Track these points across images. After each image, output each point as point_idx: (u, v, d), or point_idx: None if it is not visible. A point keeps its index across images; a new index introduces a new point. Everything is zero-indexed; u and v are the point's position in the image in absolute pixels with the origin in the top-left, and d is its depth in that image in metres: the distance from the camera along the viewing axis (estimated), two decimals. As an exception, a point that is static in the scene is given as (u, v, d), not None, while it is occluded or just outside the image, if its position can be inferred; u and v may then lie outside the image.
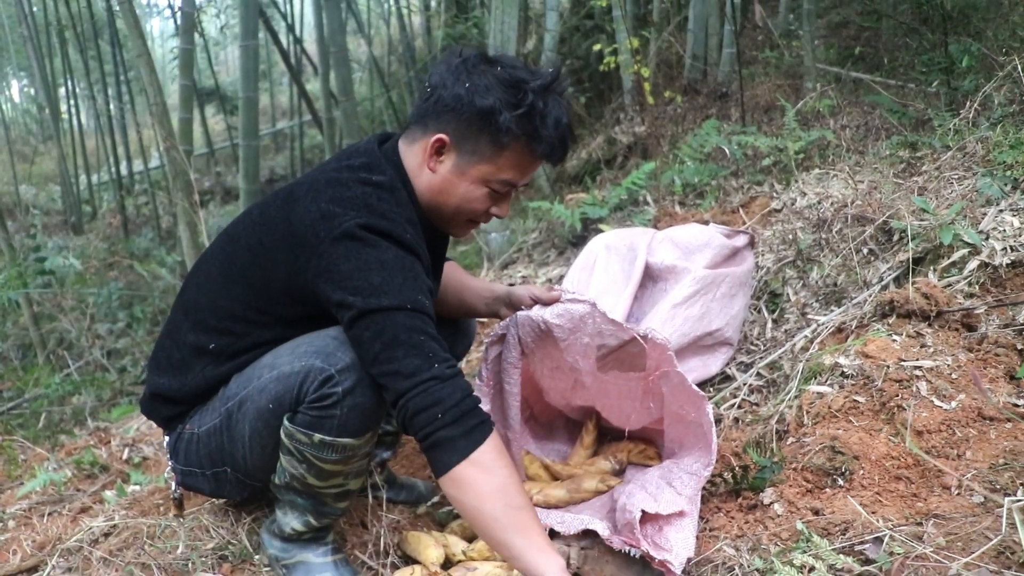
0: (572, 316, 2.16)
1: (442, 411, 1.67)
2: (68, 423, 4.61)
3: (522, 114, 1.81)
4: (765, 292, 3.07)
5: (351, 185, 1.82)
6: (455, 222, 1.99)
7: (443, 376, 1.69)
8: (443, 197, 1.92)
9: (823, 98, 4.60)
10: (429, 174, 1.91)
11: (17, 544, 2.44)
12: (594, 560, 1.97)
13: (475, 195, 1.91)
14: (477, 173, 1.88)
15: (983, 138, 3.20)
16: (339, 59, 6.31)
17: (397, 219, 1.79)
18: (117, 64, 10.43)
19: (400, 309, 1.70)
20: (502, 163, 1.87)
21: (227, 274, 1.94)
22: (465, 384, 1.73)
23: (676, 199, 4.19)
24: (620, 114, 6.29)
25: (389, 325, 1.69)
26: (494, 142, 1.84)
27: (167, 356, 2.03)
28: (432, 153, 1.88)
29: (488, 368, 2.30)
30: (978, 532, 1.68)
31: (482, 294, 2.36)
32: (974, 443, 1.99)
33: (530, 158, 1.89)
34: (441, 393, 1.68)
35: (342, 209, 1.76)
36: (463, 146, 1.86)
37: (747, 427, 2.43)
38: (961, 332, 2.38)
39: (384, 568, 2.15)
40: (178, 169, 4.94)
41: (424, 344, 1.70)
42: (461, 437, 1.68)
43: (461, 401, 1.69)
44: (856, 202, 3.07)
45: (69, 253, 7.43)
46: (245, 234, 1.94)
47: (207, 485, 2.07)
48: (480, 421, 1.71)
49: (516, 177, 1.91)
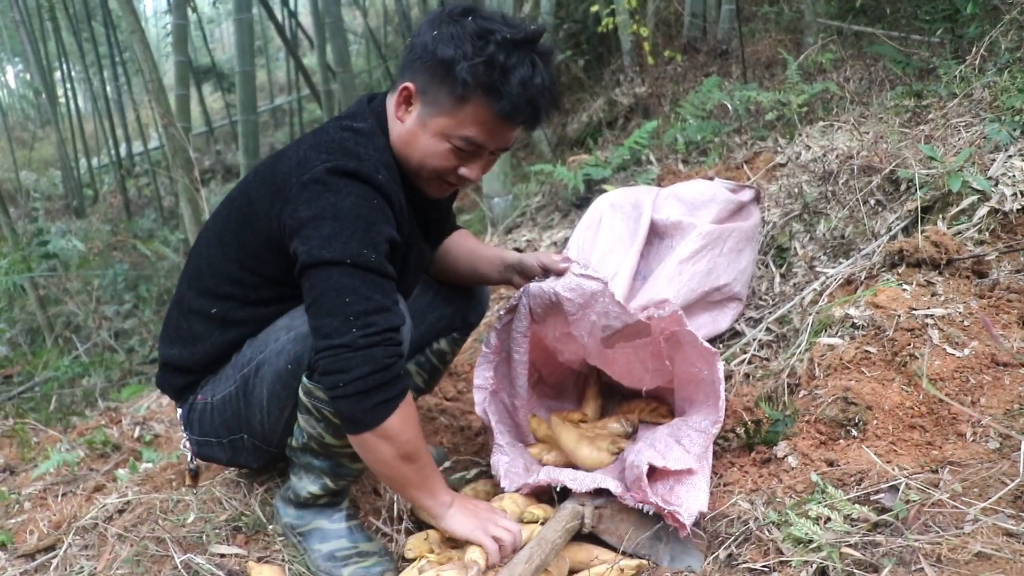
0: (583, 292, 2.13)
1: (344, 382, 1.68)
2: (79, 405, 4.62)
3: (479, 64, 1.73)
4: (772, 247, 3.04)
5: (331, 132, 1.85)
6: (423, 178, 1.93)
7: (355, 345, 1.67)
8: (408, 149, 1.88)
9: (825, 52, 4.53)
10: (399, 124, 1.88)
11: (34, 524, 2.45)
12: (608, 518, 1.96)
13: (436, 150, 1.85)
14: (437, 126, 1.82)
15: (990, 84, 3.15)
16: (335, 31, 6.24)
17: (370, 160, 1.78)
18: (111, 45, 10.35)
19: (338, 264, 1.68)
20: (462, 118, 1.80)
21: (222, 237, 1.96)
22: (379, 355, 1.70)
23: (679, 157, 4.15)
24: (620, 76, 6.22)
25: (322, 280, 1.69)
26: (452, 94, 1.78)
27: (175, 326, 2.06)
28: (400, 102, 1.86)
29: (497, 336, 2.29)
30: (994, 478, 1.67)
31: (494, 262, 2.34)
32: (988, 389, 1.97)
33: (492, 116, 1.80)
34: (348, 363, 1.68)
35: (316, 154, 1.77)
36: (426, 96, 1.82)
37: (758, 382, 2.41)
38: (972, 279, 2.35)
39: (398, 534, 2.15)
40: (177, 146, 4.90)
41: (348, 306, 1.68)
42: (361, 413, 1.72)
43: (368, 375, 1.69)
44: (862, 153, 3.03)
45: (72, 236, 7.41)
46: (239, 194, 1.96)
47: (223, 454, 2.08)
48: (389, 397, 1.72)
49: (479, 135, 1.83)
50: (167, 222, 9.36)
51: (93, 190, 12.03)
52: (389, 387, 1.72)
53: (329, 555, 1.99)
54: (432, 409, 2.83)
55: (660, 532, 1.88)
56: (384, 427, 1.73)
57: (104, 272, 6.77)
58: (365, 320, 1.68)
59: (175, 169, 5.02)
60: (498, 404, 2.34)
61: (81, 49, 11.18)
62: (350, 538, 2.01)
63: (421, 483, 1.86)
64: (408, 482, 1.84)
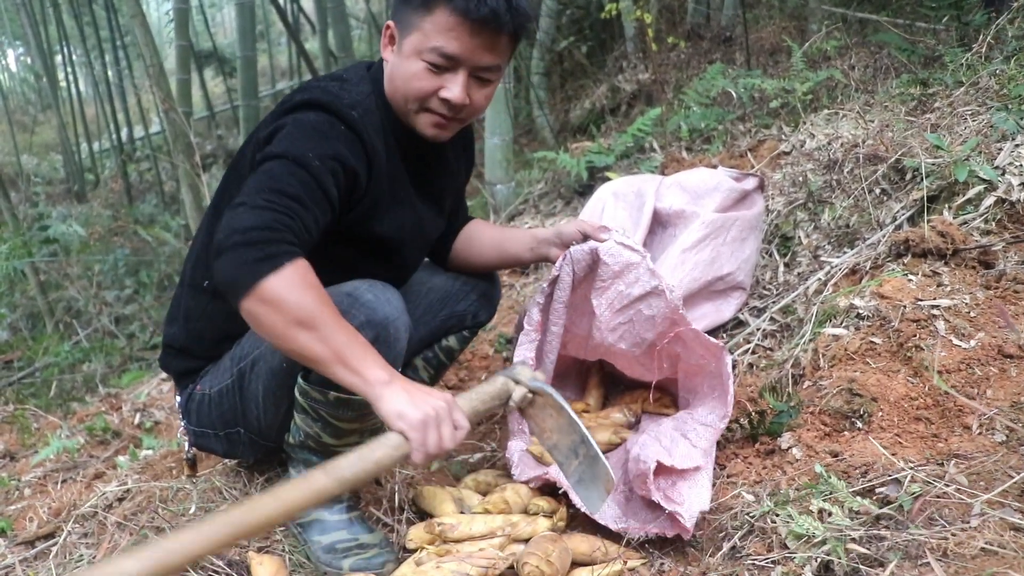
0: (620, 260, 2.10)
1: (229, 234, 1.55)
2: (79, 390, 4.62)
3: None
4: (776, 236, 3.02)
5: (319, 80, 1.91)
6: (412, 114, 1.88)
7: (252, 203, 1.59)
8: (394, 84, 1.87)
9: (829, 39, 4.49)
10: (387, 66, 1.90)
11: (33, 511, 2.45)
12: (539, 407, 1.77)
13: (412, 70, 1.81)
14: (410, 46, 1.81)
15: (996, 72, 3.12)
16: (337, 15, 6.22)
17: (346, 98, 1.79)
18: (113, 29, 10.29)
19: (279, 157, 1.67)
20: (428, 29, 1.77)
21: (217, 208, 1.97)
22: (268, 217, 1.57)
23: (683, 145, 4.12)
24: (623, 62, 6.19)
25: (261, 170, 1.67)
26: (419, 7, 1.77)
27: (176, 303, 2.08)
28: (386, 43, 1.88)
29: (540, 311, 2.22)
30: (1001, 470, 1.66)
31: (524, 241, 2.29)
32: (994, 381, 1.95)
33: (454, 19, 1.74)
34: (236, 219, 1.57)
35: (296, 93, 1.82)
36: (401, 24, 1.83)
37: (762, 372, 2.40)
38: (978, 270, 2.33)
39: (399, 524, 2.14)
40: (178, 131, 4.88)
41: (268, 182, 1.63)
42: (239, 268, 1.53)
43: (252, 227, 1.55)
44: (867, 141, 3.01)
45: (73, 221, 7.39)
46: (239, 161, 1.96)
47: (220, 446, 2.08)
48: (270, 253, 1.53)
49: (446, 44, 1.77)
50: (168, 207, 9.33)
51: (94, 175, 12.00)
52: (270, 245, 1.54)
53: (329, 547, 1.98)
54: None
55: (579, 447, 1.73)
56: (262, 288, 1.50)
57: (105, 257, 6.76)
58: (278, 195, 1.61)
59: (176, 154, 5.00)
60: None
61: (82, 33, 11.11)
62: (350, 530, 2.00)
63: (333, 356, 1.53)
64: (315, 356, 1.54)
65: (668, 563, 1.83)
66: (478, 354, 3.11)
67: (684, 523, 1.80)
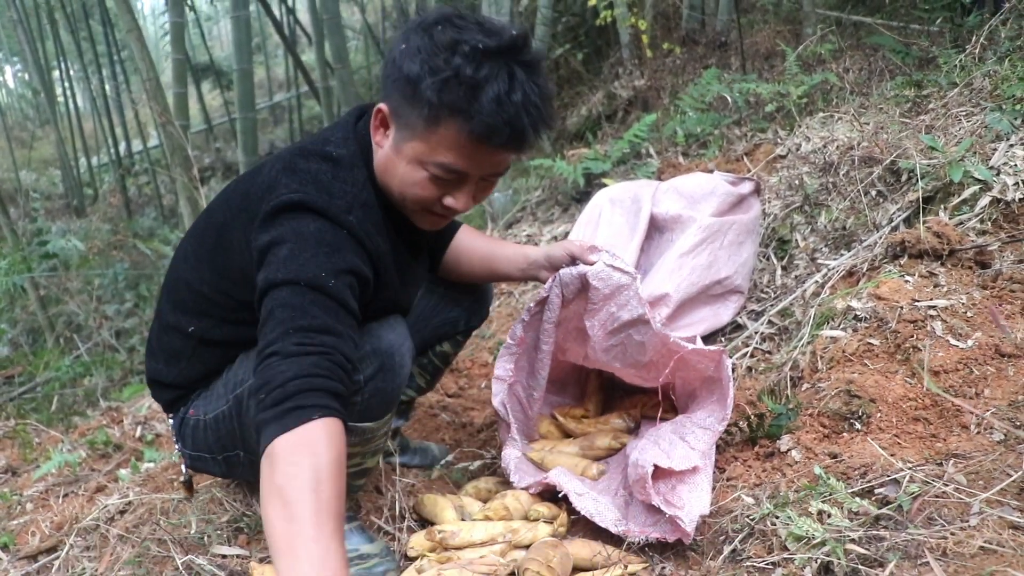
0: (611, 283, 2.08)
1: (267, 392, 1.42)
2: (80, 405, 4.62)
3: (442, 81, 1.52)
4: (773, 239, 3.03)
5: (310, 158, 1.69)
6: (408, 209, 1.76)
7: (286, 352, 1.45)
8: (386, 177, 1.72)
9: (824, 43, 4.51)
10: (379, 150, 1.72)
11: (36, 526, 2.45)
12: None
13: (413, 178, 1.66)
14: (411, 151, 1.63)
15: (990, 73, 3.13)
16: (333, 27, 6.23)
17: (343, 198, 1.63)
18: (109, 44, 10.35)
19: (291, 283, 1.52)
20: (435, 142, 1.59)
21: (198, 254, 1.87)
22: (308, 363, 1.44)
23: (679, 150, 4.14)
24: (619, 68, 6.21)
25: (274, 300, 1.52)
26: (422, 116, 1.57)
27: (156, 339, 2.01)
28: (377, 125, 1.69)
29: (523, 328, 2.25)
30: (999, 469, 1.66)
31: (515, 260, 2.24)
32: (992, 381, 1.96)
33: (466, 139, 1.57)
34: (273, 371, 1.44)
35: (288, 180, 1.63)
36: (399, 119, 1.63)
37: (760, 375, 2.40)
38: (975, 270, 2.34)
39: (400, 532, 2.14)
40: (175, 144, 4.90)
41: (292, 321, 1.48)
42: (269, 418, 1.40)
43: (288, 382, 1.41)
44: (862, 144, 3.01)
45: (72, 236, 7.40)
46: (218, 209, 1.85)
47: (218, 468, 2.05)
48: (297, 407, 1.39)
49: (455, 161, 1.61)
50: (167, 220, 9.36)
51: (93, 189, 12.03)
52: (304, 397, 1.40)
53: (331, 558, 1.96)
54: (434, 406, 2.83)
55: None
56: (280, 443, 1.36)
57: (105, 271, 6.76)
58: (305, 334, 1.47)
59: (174, 167, 5.01)
60: (512, 397, 2.32)
61: (79, 48, 11.17)
62: (350, 541, 1.99)
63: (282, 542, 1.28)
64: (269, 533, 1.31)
65: (669, 567, 1.83)
66: (477, 362, 3.11)
67: (684, 527, 1.80)
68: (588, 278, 2.10)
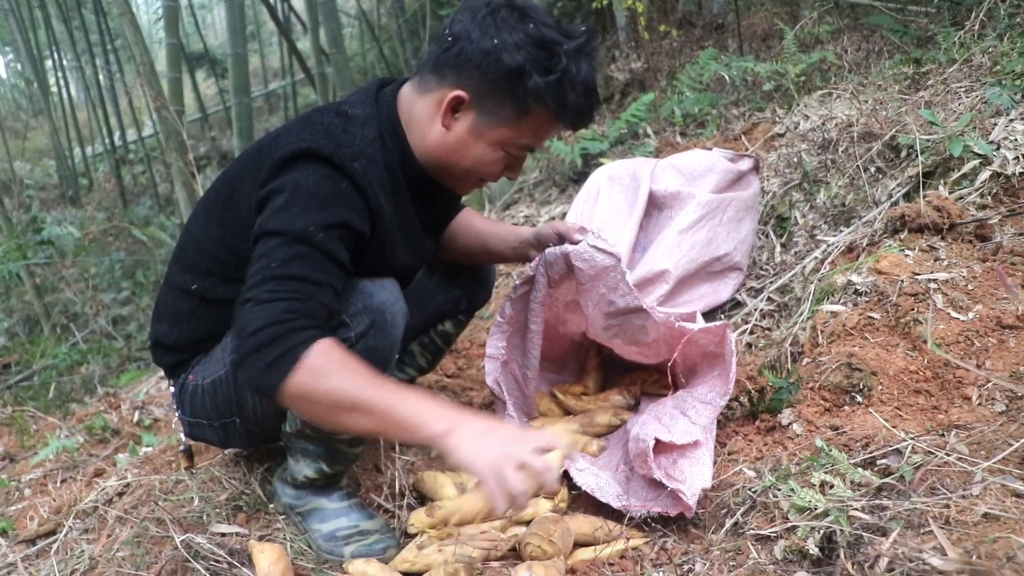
0: (595, 264, 2.09)
1: (240, 339, 1.53)
2: (78, 392, 4.61)
3: (554, 80, 1.69)
4: (772, 216, 3.02)
5: (324, 113, 1.78)
6: (464, 182, 1.90)
7: (256, 299, 1.54)
8: (455, 157, 1.81)
9: (822, 23, 4.49)
10: (441, 131, 1.78)
11: (34, 510, 2.44)
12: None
13: (490, 158, 1.81)
14: (496, 136, 1.77)
15: (989, 49, 3.11)
16: (328, 12, 6.20)
17: (349, 147, 1.69)
18: (103, 33, 10.26)
19: (278, 234, 1.59)
20: (523, 127, 1.77)
21: (208, 212, 1.93)
22: (277, 309, 1.52)
23: (677, 130, 4.12)
24: (615, 51, 6.17)
25: (261, 250, 1.61)
26: (518, 106, 1.72)
27: (163, 301, 2.04)
28: (448, 110, 1.75)
29: (512, 306, 2.26)
30: (1001, 439, 1.65)
31: (508, 239, 2.29)
32: (993, 352, 1.95)
33: (554, 124, 1.80)
34: (246, 318, 1.53)
35: (299, 130, 1.71)
36: (484, 106, 1.74)
37: (761, 351, 2.39)
38: (975, 243, 2.33)
39: (400, 510, 2.13)
40: (170, 130, 4.87)
41: (272, 270, 1.56)
42: (257, 375, 1.51)
43: (260, 329, 1.50)
44: (861, 120, 3.00)
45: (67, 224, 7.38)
46: (232, 168, 1.92)
47: (216, 436, 2.06)
48: (283, 352, 1.49)
49: (535, 142, 1.82)
50: (163, 209, 9.32)
51: (88, 179, 11.99)
52: (283, 340, 1.50)
53: (330, 535, 1.97)
54: (433, 386, 2.82)
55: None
56: (287, 388, 1.50)
57: (101, 259, 6.74)
58: (281, 282, 1.55)
59: (169, 153, 4.98)
60: (508, 375, 2.31)
61: (72, 37, 11.09)
62: (350, 517, 1.99)
63: (387, 425, 1.50)
64: (370, 432, 1.56)
65: (671, 541, 1.82)
66: (476, 342, 3.10)
67: (686, 500, 1.79)
68: (571, 258, 2.10)
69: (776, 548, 1.59)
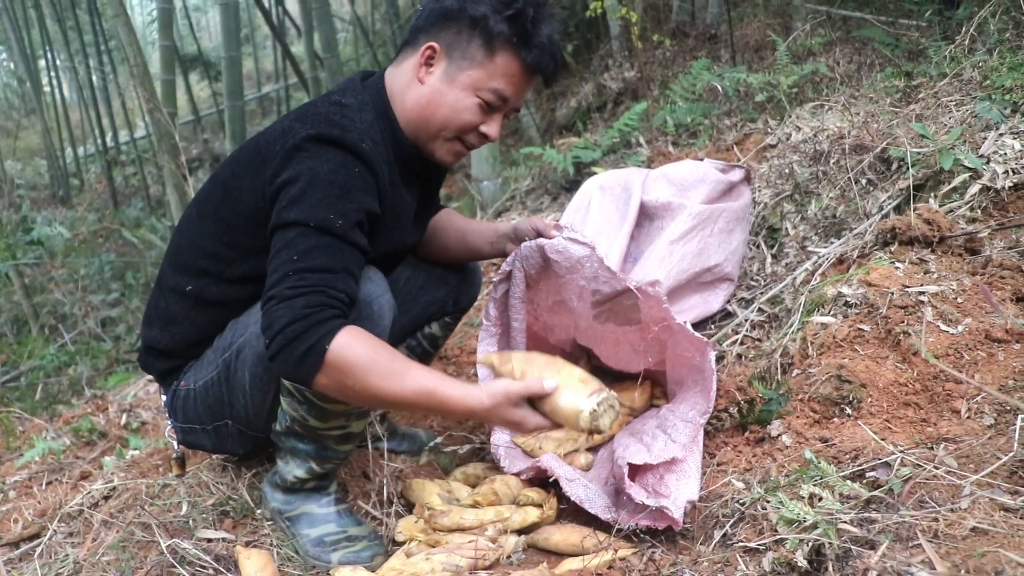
0: (570, 256, 2.10)
1: (269, 336, 1.60)
2: (65, 393, 4.59)
3: (512, 15, 1.79)
4: (763, 227, 3.02)
5: (318, 105, 1.83)
6: (442, 139, 1.92)
7: (280, 296, 1.60)
8: (431, 108, 1.87)
9: (814, 35, 4.51)
10: (418, 87, 1.87)
11: (18, 513, 2.43)
12: None
13: (465, 104, 1.86)
14: (468, 79, 1.84)
15: (979, 63, 3.13)
16: (322, 17, 6.19)
17: (354, 130, 1.74)
18: (97, 33, 10.22)
19: (299, 224, 1.65)
20: (492, 69, 1.84)
21: (202, 212, 1.95)
22: (299, 304, 1.59)
23: (669, 139, 4.12)
24: (608, 60, 6.19)
25: (282, 241, 1.66)
26: (485, 45, 1.82)
27: (155, 306, 2.04)
28: (422, 63, 1.86)
29: (496, 307, 2.26)
30: (990, 452, 1.65)
31: (485, 234, 2.31)
32: (982, 366, 1.95)
33: (520, 67, 1.85)
34: (272, 316, 1.60)
35: (300, 124, 1.75)
36: (453, 52, 1.84)
37: (751, 362, 2.40)
38: (965, 257, 2.34)
39: (388, 517, 2.13)
40: (163, 131, 4.85)
41: (294, 263, 1.62)
42: (293, 368, 1.60)
43: (287, 326, 1.57)
44: (853, 133, 3.01)
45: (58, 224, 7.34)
46: (222, 171, 1.94)
47: (208, 441, 2.06)
48: (309, 347, 1.57)
49: (507, 87, 1.87)
50: (154, 211, 9.28)
51: (79, 179, 11.93)
52: (308, 335, 1.57)
53: (318, 540, 1.97)
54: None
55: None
56: (319, 383, 1.60)
57: (91, 260, 6.71)
58: (301, 276, 1.62)
59: (161, 154, 4.97)
60: None
61: (66, 37, 11.04)
62: (339, 522, 1.99)
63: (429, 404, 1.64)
64: (411, 406, 1.68)
65: (659, 552, 1.82)
66: (466, 349, 3.10)
67: (672, 515, 1.79)
68: (546, 251, 2.12)
69: (765, 560, 1.59)
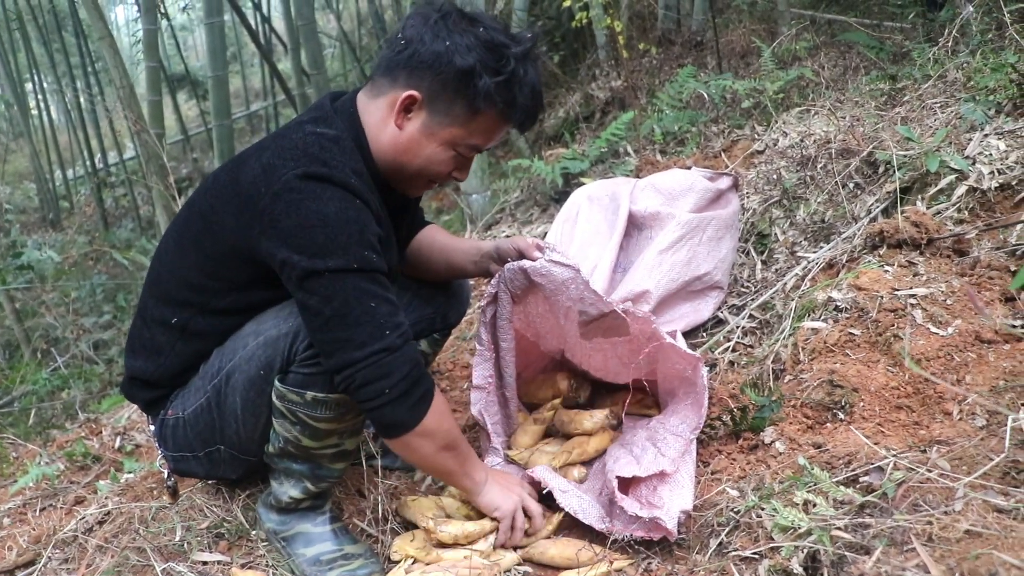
0: (554, 279, 2.08)
1: (389, 386, 1.69)
2: (59, 418, 4.56)
3: (503, 81, 1.75)
4: (752, 234, 3.03)
5: (294, 136, 1.76)
6: (415, 183, 1.93)
7: (393, 347, 1.69)
8: (407, 157, 1.85)
9: (799, 40, 4.53)
10: (394, 131, 1.83)
11: (12, 540, 2.40)
12: None
13: (441, 158, 1.85)
14: (447, 135, 1.81)
15: (963, 65, 3.15)
16: (308, 33, 6.20)
17: (339, 165, 1.71)
18: (83, 55, 10.22)
19: (348, 271, 1.65)
20: (474, 128, 1.82)
21: (181, 242, 1.91)
22: (412, 352, 1.73)
23: (657, 148, 4.13)
24: (595, 70, 6.21)
25: (339, 289, 1.65)
26: (469, 106, 1.77)
27: (138, 336, 2.01)
28: (400, 110, 1.80)
29: (487, 331, 2.24)
30: (982, 454, 1.66)
31: (469, 253, 2.27)
32: (973, 367, 1.96)
33: (502, 125, 1.85)
34: (391, 367, 1.69)
35: (282, 161, 1.70)
36: (435, 106, 1.79)
37: (743, 369, 2.40)
38: (953, 258, 2.35)
39: (384, 535, 2.12)
40: (151, 152, 4.85)
41: (375, 311, 1.67)
42: (406, 412, 1.74)
43: (408, 373, 1.71)
44: (839, 137, 3.02)
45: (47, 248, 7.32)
46: (199, 200, 1.90)
47: (201, 467, 2.04)
48: (424, 392, 1.76)
49: (484, 142, 1.86)
50: (145, 232, 9.27)
51: (69, 202, 11.91)
52: (424, 379, 1.76)
53: (314, 559, 1.96)
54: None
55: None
56: (424, 424, 1.77)
57: (82, 283, 6.69)
58: (394, 322, 1.70)
59: (149, 175, 4.96)
60: (491, 403, 2.30)
61: (52, 60, 11.04)
62: (335, 541, 1.98)
63: (460, 469, 1.93)
64: (449, 471, 1.92)
65: (655, 562, 1.82)
66: (459, 364, 3.09)
67: (666, 526, 1.79)
68: (529, 274, 2.10)
69: (760, 568, 1.59)
